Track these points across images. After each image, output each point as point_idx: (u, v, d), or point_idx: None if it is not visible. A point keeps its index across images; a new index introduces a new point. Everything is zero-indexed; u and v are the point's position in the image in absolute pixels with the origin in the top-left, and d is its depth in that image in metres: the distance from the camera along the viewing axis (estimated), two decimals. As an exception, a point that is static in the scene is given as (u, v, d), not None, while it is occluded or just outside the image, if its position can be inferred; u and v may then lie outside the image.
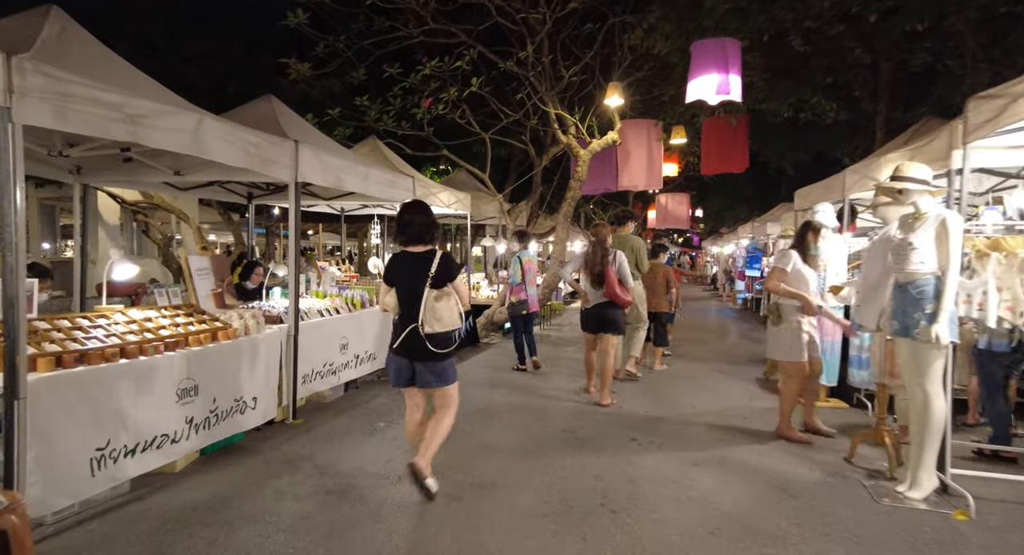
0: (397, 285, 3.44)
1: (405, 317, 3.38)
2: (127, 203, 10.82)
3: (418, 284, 3.33)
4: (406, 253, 3.47)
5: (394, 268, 3.50)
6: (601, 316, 5.52)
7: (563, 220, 9.41)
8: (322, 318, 5.31)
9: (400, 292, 3.42)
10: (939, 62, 8.64)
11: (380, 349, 6.17)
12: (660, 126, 10.63)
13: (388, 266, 3.57)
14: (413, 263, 3.40)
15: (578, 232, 22.69)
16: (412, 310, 3.33)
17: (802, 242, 4.50)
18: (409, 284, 3.38)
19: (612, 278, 5.34)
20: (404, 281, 3.41)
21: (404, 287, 3.40)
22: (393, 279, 3.47)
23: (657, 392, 6.04)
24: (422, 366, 3.39)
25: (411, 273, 3.39)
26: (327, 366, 5.27)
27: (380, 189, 6.01)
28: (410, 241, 3.45)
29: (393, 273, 3.48)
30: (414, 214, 3.49)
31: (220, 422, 3.94)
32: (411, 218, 3.47)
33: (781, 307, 4.53)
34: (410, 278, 3.38)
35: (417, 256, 3.41)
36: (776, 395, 5.86)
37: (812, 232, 4.46)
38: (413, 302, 3.34)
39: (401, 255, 3.50)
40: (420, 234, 3.43)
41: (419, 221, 3.45)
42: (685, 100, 6.29)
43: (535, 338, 7.61)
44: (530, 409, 5.33)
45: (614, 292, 5.35)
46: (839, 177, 5.86)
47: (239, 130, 4.07)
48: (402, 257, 3.48)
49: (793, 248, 4.53)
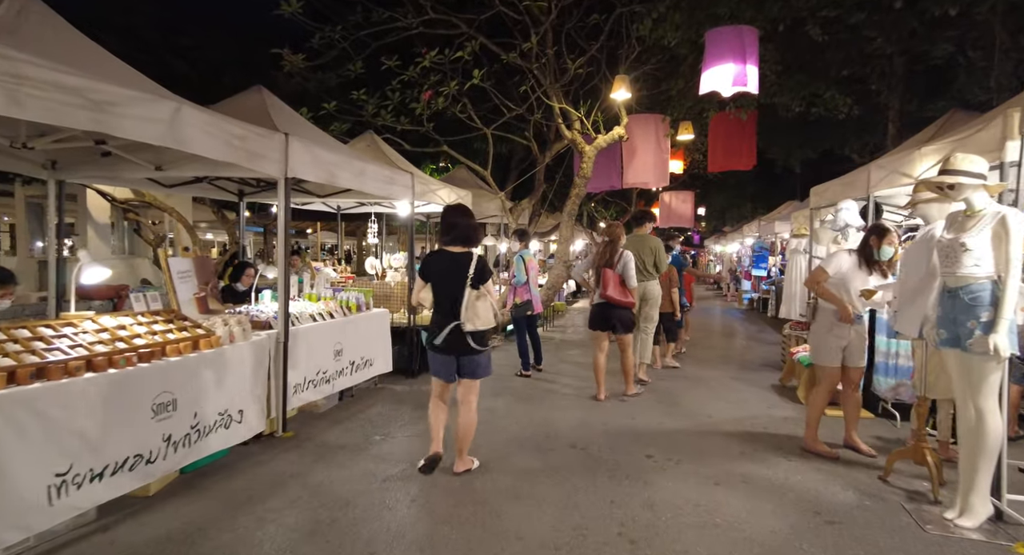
0: (434, 282, 3.63)
1: (444, 314, 3.58)
2: (117, 201, 10.51)
3: (458, 283, 3.53)
4: (444, 251, 3.63)
5: (431, 265, 3.66)
6: (606, 315, 5.49)
7: (567, 219, 9.08)
8: (314, 323, 4.98)
9: (438, 289, 3.62)
10: (960, 54, 8.30)
11: (377, 355, 5.85)
12: (667, 121, 10.30)
13: (425, 262, 3.71)
14: (451, 262, 3.58)
15: (581, 231, 22.40)
16: (452, 308, 3.54)
17: (865, 247, 4.17)
18: (448, 282, 3.57)
19: (608, 279, 5.31)
20: (443, 279, 3.59)
21: (443, 285, 3.59)
22: (429, 275, 3.64)
23: (670, 400, 5.72)
24: (468, 360, 3.65)
25: (450, 272, 3.57)
26: (320, 374, 4.94)
27: (377, 186, 5.68)
28: (454, 241, 3.62)
29: (430, 269, 3.65)
30: (463, 217, 3.71)
31: (202, 438, 3.62)
32: (459, 220, 3.66)
33: (818, 307, 4.24)
34: (449, 277, 3.57)
35: (455, 256, 3.59)
36: (797, 403, 5.57)
37: (876, 236, 4.12)
38: (453, 300, 3.53)
39: (439, 253, 3.66)
40: (467, 236, 3.64)
41: (466, 223, 3.66)
42: (698, 92, 5.96)
43: (539, 340, 7.29)
44: (536, 422, 5.00)
45: (607, 293, 5.32)
46: (862, 172, 5.52)
47: (222, 121, 3.74)
48: (439, 255, 3.65)
49: (849, 250, 4.21)
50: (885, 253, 4.11)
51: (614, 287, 5.33)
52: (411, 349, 6.46)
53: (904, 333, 3.54)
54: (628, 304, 5.42)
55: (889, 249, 4.10)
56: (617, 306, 5.40)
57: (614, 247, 5.44)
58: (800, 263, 9.03)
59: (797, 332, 7.03)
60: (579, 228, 22.21)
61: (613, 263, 5.36)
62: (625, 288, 5.39)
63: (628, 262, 5.41)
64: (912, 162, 4.55)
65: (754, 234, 17.53)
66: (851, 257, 4.16)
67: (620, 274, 5.39)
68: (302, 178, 4.66)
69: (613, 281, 5.34)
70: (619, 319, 5.46)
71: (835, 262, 4.16)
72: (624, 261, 5.39)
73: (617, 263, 5.38)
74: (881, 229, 4.16)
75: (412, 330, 6.44)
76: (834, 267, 4.15)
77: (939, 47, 7.60)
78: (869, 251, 4.13)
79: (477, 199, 9.40)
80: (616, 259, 5.39)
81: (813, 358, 4.21)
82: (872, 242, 4.13)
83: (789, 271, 9.22)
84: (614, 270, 5.38)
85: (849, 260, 4.14)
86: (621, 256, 5.41)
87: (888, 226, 4.20)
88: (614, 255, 5.41)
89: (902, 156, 4.85)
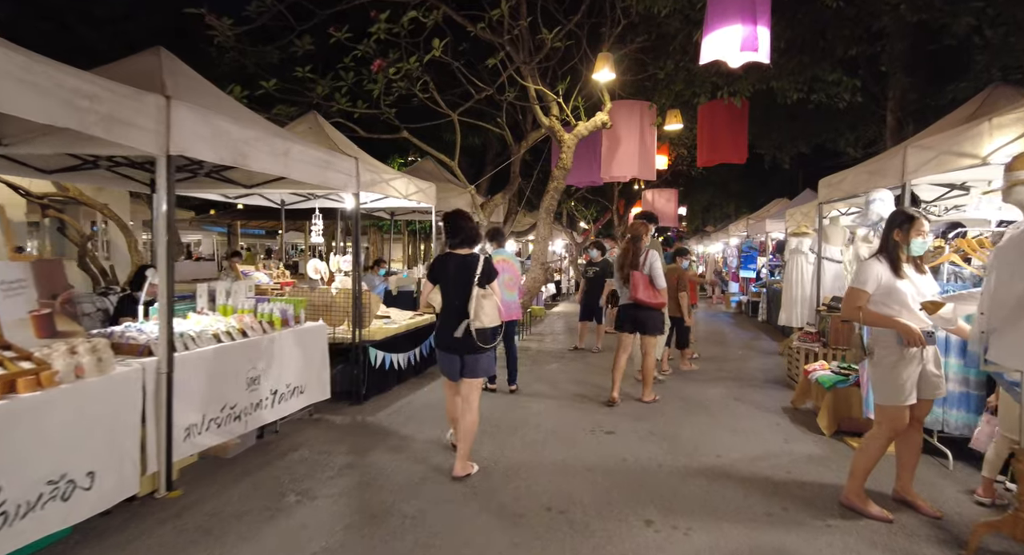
0: (443, 284, 3.76)
1: (453, 314, 3.71)
2: (32, 196, 9.21)
3: (467, 284, 3.66)
4: (453, 254, 3.76)
5: (441, 268, 3.78)
6: (634, 316, 5.36)
7: (545, 215, 8.08)
8: (219, 344, 3.89)
9: (447, 291, 3.75)
10: (977, 32, 7.50)
11: (310, 380, 4.77)
12: (654, 109, 9.36)
13: (434, 265, 3.85)
14: (460, 264, 3.72)
15: (561, 230, 21.42)
16: (461, 308, 3.67)
17: (887, 243, 3.21)
18: (457, 283, 3.69)
19: (637, 282, 5.16)
20: (452, 280, 3.71)
21: (452, 286, 3.72)
22: (438, 278, 3.79)
23: (668, 431, 4.74)
24: (472, 359, 3.73)
25: (459, 273, 3.70)
26: (227, 410, 3.86)
27: (307, 171, 4.61)
28: (462, 244, 3.77)
29: (439, 272, 3.79)
30: (467, 220, 3.83)
31: (11, 523, 2.52)
32: (464, 224, 3.80)
33: (871, 338, 3.26)
34: (458, 278, 3.70)
35: (463, 258, 3.73)
36: (817, 434, 4.63)
37: (899, 227, 3.17)
38: (462, 300, 3.67)
39: (448, 256, 3.78)
40: (474, 238, 3.80)
41: (471, 227, 3.81)
42: (699, 61, 4.98)
43: (516, 351, 6.28)
44: (503, 467, 3.98)
45: (637, 296, 5.18)
46: (894, 156, 4.61)
47: (55, 69, 2.66)
48: (448, 258, 3.77)
49: (877, 255, 3.25)
50: (917, 247, 3.17)
51: (644, 289, 5.18)
52: (358, 369, 5.38)
53: (1007, 365, 2.58)
54: (658, 305, 5.27)
55: (921, 241, 3.16)
56: (646, 307, 5.25)
57: (638, 247, 5.27)
58: (801, 264, 8.15)
59: (808, 345, 6.11)
60: (559, 227, 21.27)
61: (639, 264, 5.21)
62: (654, 288, 5.24)
63: (654, 262, 5.24)
64: (974, 139, 3.63)
65: (741, 233, 16.74)
66: (883, 263, 3.20)
67: (648, 275, 5.23)
68: (195, 157, 3.58)
69: (643, 283, 5.18)
70: (648, 320, 5.32)
71: (870, 275, 3.17)
72: (650, 261, 5.22)
73: (643, 264, 5.22)
74: (904, 217, 3.19)
75: (359, 347, 5.36)
76: (872, 281, 3.17)
77: (960, 21, 6.75)
78: (893, 249, 3.18)
79: (444, 193, 8.37)
80: (642, 260, 5.23)
81: (878, 398, 3.21)
82: (896, 236, 3.18)
83: (788, 273, 8.33)
84: (641, 271, 5.22)
85: (886, 268, 3.18)
86: (647, 256, 5.23)
87: (914, 212, 3.23)
88: (638, 255, 5.24)
89: (954, 134, 3.93)
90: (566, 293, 18.41)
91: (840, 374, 4.84)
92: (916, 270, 3.21)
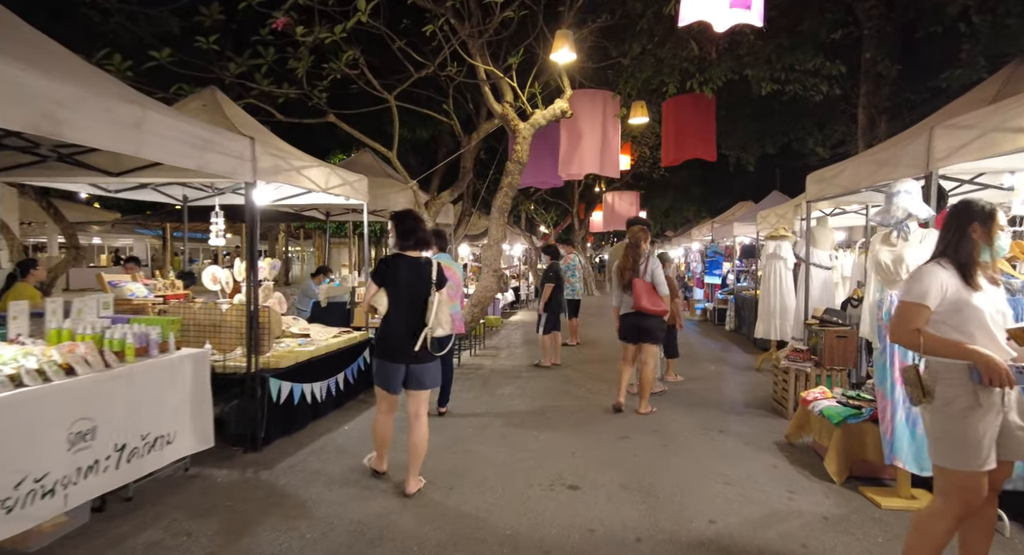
0: (392, 288, 3.50)
1: (402, 320, 3.50)
2: None
3: (422, 288, 3.51)
4: (403, 257, 3.56)
5: (390, 270, 3.52)
6: (637, 325, 5.21)
7: (497, 215, 7.08)
8: (24, 389, 2.73)
9: (397, 295, 3.50)
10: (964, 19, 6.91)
11: (181, 425, 3.63)
12: (618, 99, 8.51)
13: (383, 267, 3.55)
14: (413, 267, 3.54)
15: (519, 234, 20.46)
16: (415, 313, 3.49)
17: (960, 242, 2.32)
18: (411, 287, 3.50)
19: (639, 291, 5.04)
20: (405, 284, 3.50)
21: (404, 290, 3.49)
22: (387, 280, 3.51)
23: (646, 482, 3.78)
24: (420, 369, 3.56)
25: (412, 278, 3.51)
26: (26, 485, 2.69)
27: (177, 150, 3.47)
28: (416, 246, 3.58)
29: (388, 274, 3.52)
30: (418, 222, 3.65)
31: None
32: (416, 226, 3.61)
33: (930, 373, 2.35)
34: (412, 282, 3.51)
35: (417, 261, 3.56)
36: (827, 481, 3.75)
37: (980, 223, 2.29)
38: (417, 306, 3.49)
39: (398, 258, 3.56)
40: (427, 241, 3.65)
41: (423, 229, 3.64)
42: (678, 23, 4.08)
43: (452, 371, 5.30)
44: (432, 546, 2.94)
45: (640, 304, 5.05)
46: (913, 140, 3.80)
47: None
48: (399, 260, 3.54)
49: (938, 260, 2.35)
50: (1002, 247, 2.32)
51: (648, 297, 5.04)
52: (256, 406, 4.24)
53: None
54: (661, 312, 5.13)
55: (1006, 239, 2.30)
56: (650, 315, 5.11)
57: (638, 253, 5.12)
58: (780, 271, 7.40)
59: (798, 365, 5.29)
60: (517, 231, 20.32)
61: (641, 272, 5.09)
62: (656, 295, 5.10)
63: (656, 268, 5.13)
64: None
65: (705, 237, 16.12)
66: (947, 270, 2.32)
67: (650, 282, 5.10)
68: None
69: (645, 292, 5.05)
70: (651, 328, 5.18)
71: (931, 285, 2.27)
72: (651, 268, 5.11)
73: (646, 271, 5.10)
74: (983, 208, 2.32)
75: (255, 377, 4.23)
76: (935, 294, 2.27)
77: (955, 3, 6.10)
78: (968, 251, 2.30)
79: (381, 189, 7.28)
80: (643, 267, 5.11)
81: (940, 458, 2.29)
82: (975, 233, 2.31)
83: (766, 281, 7.57)
84: (643, 279, 5.09)
85: (954, 277, 2.30)
86: (648, 262, 5.13)
87: (990, 204, 2.36)
88: (639, 262, 5.11)
89: (1006, 107, 3.10)
90: (525, 300, 17.46)
91: (850, 406, 3.99)
92: (990, 282, 2.34)
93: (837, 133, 11.97)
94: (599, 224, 20.99)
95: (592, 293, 20.95)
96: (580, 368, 7.65)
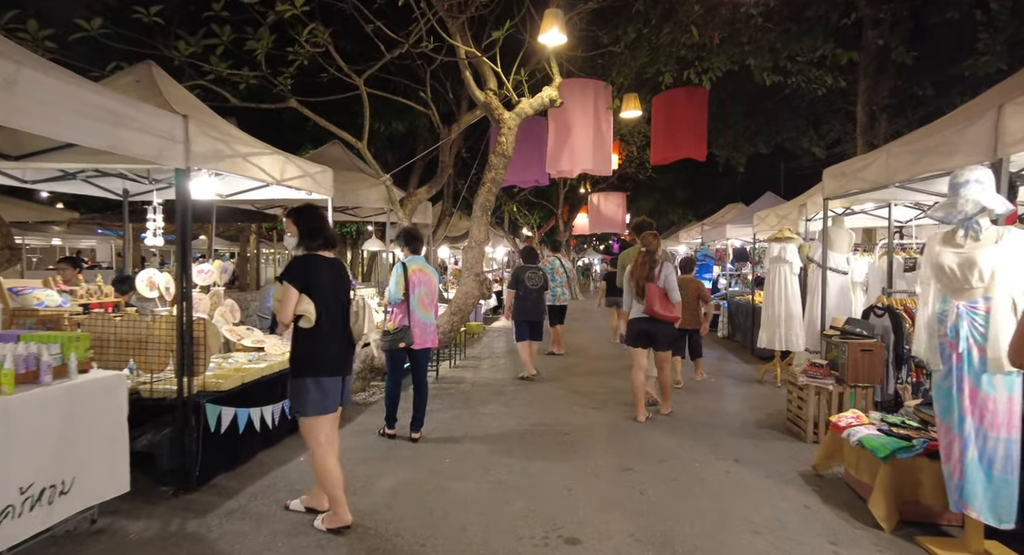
0: (318, 293, 3.07)
1: (337, 329, 3.16)
2: None
3: (344, 292, 3.24)
4: (319, 257, 3.15)
5: (313, 272, 3.07)
6: (647, 331, 5.15)
7: (480, 213, 6.40)
8: None
9: (325, 302, 3.09)
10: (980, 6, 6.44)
11: (88, 467, 2.89)
12: (611, 89, 7.91)
13: (302, 270, 3.06)
14: (332, 269, 3.19)
15: (503, 236, 19.75)
16: (345, 321, 3.21)
17: None
18: (335, 292, 3.16)
19: (653, 295, 4.98)
20: (329, 290, 3.12)
21: (332, 295, 3.13)
22: (310, 285, 3.04)
23: (659, 532, 3.13)
24: (348, 380, 3.25)
25: (334, 280, 3.17)
26: None
27: (75, 124, 2.74)
28: (326, 245, 3.19)
29: (309, 277, 3.05)
30: (324, 219, 3.25)
31: None
32: (322, 223, 3.21)
33: None
34: (334, 286, 3.17)
35: (332, 262, 3.22)
36: (874, 529, 3.08)
37: None
38: (345, 312, 3.21)
39: (314, 258, 3.13)
40: (334, 240, 3.29)
41: (329, 226, 3.29)
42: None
43: (427, 391, 4.64)
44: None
45: (653, 309, 4.99)
46: (980, 121, 3.21)
47: None
48: (317, 261, 3.13)
49: None
50: None
51: (660, 302, 5.00)
52: (189, 436, 3.51)
53: None
54: (672, 318, 5.10)
55: None
56: (661, 321, 5.07)
57: (652, 258, 5.09)
58: (786, 275, 6.83)
59: (818, 381, 4.70)
60: (500, 233, 19.62)
61: (655, 277, 5.03)
62: (668, 301, 5.06)
63: (669, 275, 5.11)
64: None
65: (693, 240, 15.61)
66: None
67: (663, 288, 5.06)
68: None
69: (659, 297, 5.01)
70: (662, 334, 5.15)
71: None
72: (665, 274, 5.07)
73: (659, 276, 5.05)
74: None
75: (186, 402, 3.49)
76: None
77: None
78: None
79: (350, 184, 6.58)
80: (657, 272, 5.06)
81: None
82: None
83: (770, 286, 7.00)
84: (656, 284, 5.03)
85: None
86: (662, 268, 5.08)
87: None
88: (654, 268, 5.06)
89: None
90: (507, 305, 16.74)
91: (896, 435, 3.38)
92: None
93: (833, 132, 11.55)
94: (584, 227, 20.44)
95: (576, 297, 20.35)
96: (568, 381, 7.01)
